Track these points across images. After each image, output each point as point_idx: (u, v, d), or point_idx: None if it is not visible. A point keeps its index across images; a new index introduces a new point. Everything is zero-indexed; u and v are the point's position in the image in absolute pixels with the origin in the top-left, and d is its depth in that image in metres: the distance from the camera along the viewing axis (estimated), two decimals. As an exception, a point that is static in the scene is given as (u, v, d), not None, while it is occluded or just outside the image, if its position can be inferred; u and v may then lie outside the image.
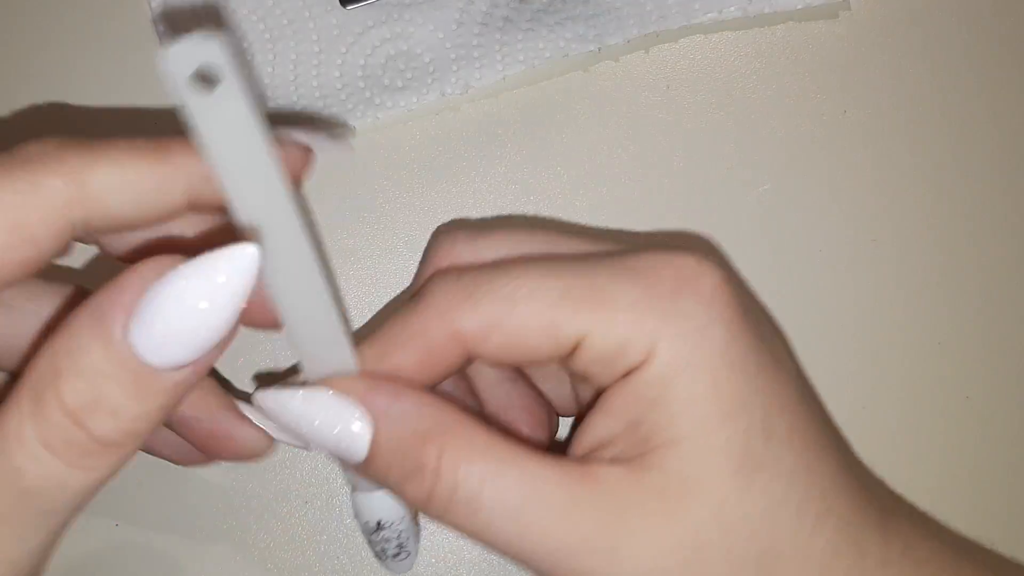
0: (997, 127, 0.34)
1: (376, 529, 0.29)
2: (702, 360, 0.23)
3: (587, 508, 0.22)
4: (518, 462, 0.23)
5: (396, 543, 0.29)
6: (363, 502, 0.28)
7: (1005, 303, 0.34)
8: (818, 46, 0.34)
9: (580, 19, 0.33)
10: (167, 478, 0.33)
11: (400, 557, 0.29)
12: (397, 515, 0.29)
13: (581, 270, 0.24)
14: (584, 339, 0.23)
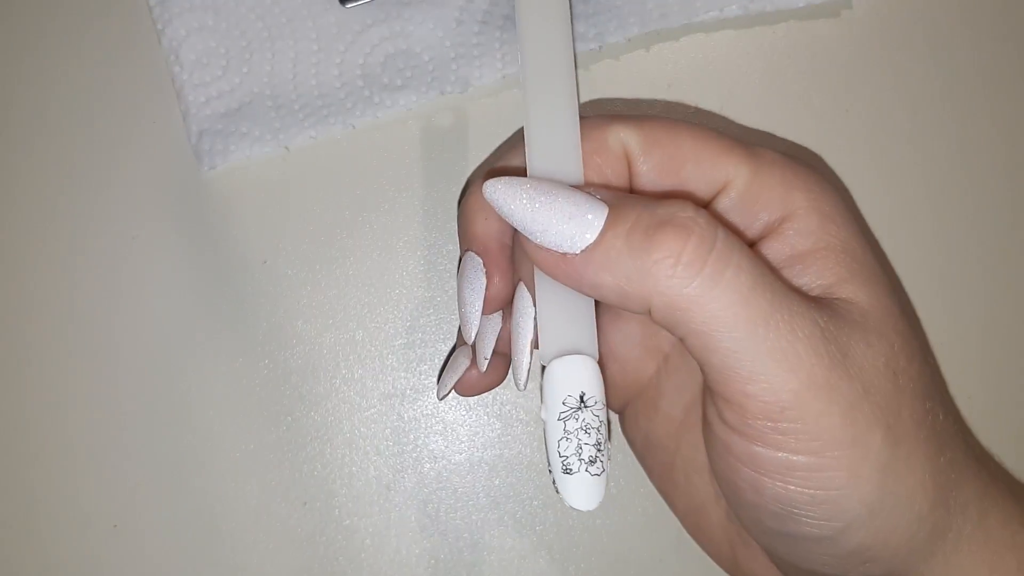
0: (999, 125, 0.34)
1: (578, 407, 0.23)
2: (848, 212, 0.24)
3: (815, 306, 0.22)
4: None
5: (596, 438, 0.23)
6: (564, 368, 0.23)
7: (1006, 303, 0.34)
8: (820, 44, 0.34)
9: (581, 17, 0.33)
10: (167, 479, 0.33)
11: (596, 468, 0.23)
12: (602, 394, 0.24)
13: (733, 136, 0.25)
14: (732, 181, 0.24)
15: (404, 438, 0.33)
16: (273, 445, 0.33)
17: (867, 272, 0.24)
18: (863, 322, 0.23)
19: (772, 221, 0.24)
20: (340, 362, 0.33)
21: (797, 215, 0.24)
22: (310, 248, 0.33)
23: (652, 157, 0.25)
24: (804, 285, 0.24)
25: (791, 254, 0.24)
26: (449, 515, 0.33)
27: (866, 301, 0.23)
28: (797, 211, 0.24)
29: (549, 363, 0.24)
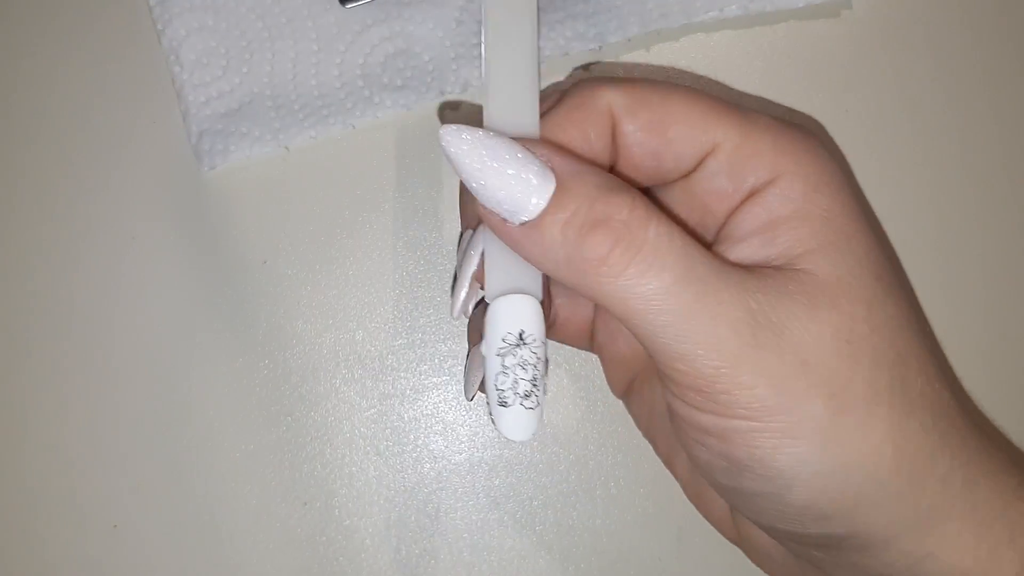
0: (999, 125, 0.34)
1: (516, 344, 0.25)
2: (837, 180, 0.25)
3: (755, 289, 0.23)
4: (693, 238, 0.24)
5: (532, 374, 0.25)
6: (505, 307, 0.25)
7: (1006, 303, 0.34)
8: (819, 44, 0.34)
9: (581, 17, 0.33)
10: (167, 479, 0.33)
11: (530, 402, 0.25)
12: (541, 333, 0.25)
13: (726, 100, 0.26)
14: (720, 144, 0.25)
15: (404, 438, 0.33)
16: (273, 445, 0.33)
17: (842, 241, 0.24)
18: (814, 295, 0.23)
19: (758, 185, 0.25)
20: (340, 362, 0.33)
21: (782, 180, 0.24)
22: (310, 248, 0.33)
23: (638, 118, 0.25)
24: (771, 254, 0.24)
25: (769, 219, 0.24)
26: (449, 515, 0.33)
27: (827, 272, 0.24)
28: (783, 176, 0.24)
29: (492, 301, 0.25)
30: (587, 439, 0.33)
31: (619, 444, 0.33)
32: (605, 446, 0.33)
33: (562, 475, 0.33)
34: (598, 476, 0.33)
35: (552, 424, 0.33)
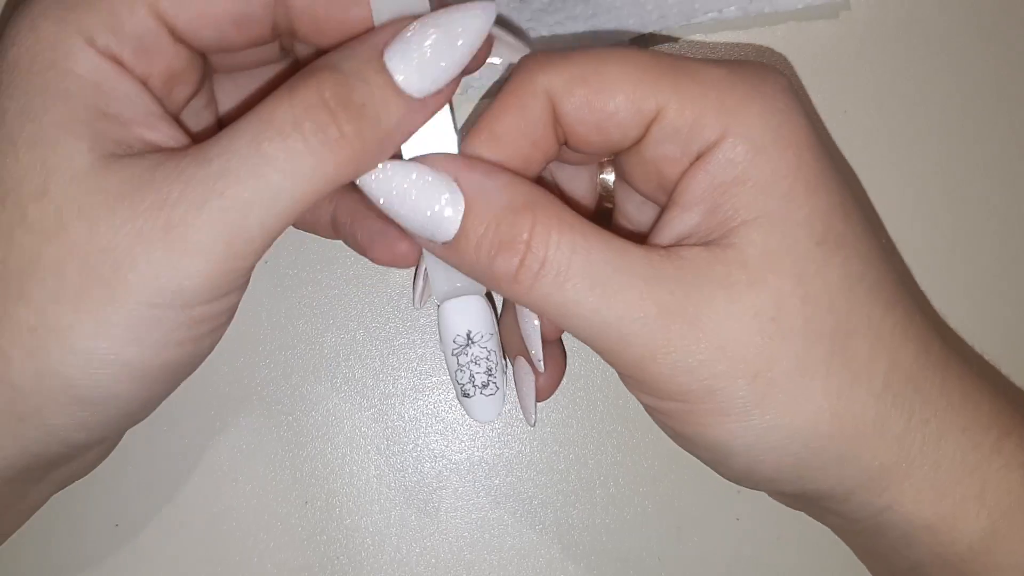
0: (998, 126, 0.34)
1: (466, 344, 0.27)
2: (785, 138, 0.24)
3: (670, 280, 0.23)
4: (604, 238, 0.24)
5: (486, 366, 0.28)
6: (452, 311, 0.27)
7: (1006, 303, 0.34)
8: (818, 46, 0.34)
9: (580, 19, 0.33)
10: (167, 478, 0.33)
11: (489, 390, 0.28)
12: (488, 327, 0.28)
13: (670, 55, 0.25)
14: (664, 109, 0.24)
15: (404, 438, 0.33)
16: (273, 445, 0.33)
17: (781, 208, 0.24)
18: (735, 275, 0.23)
19: (703, 148, 0.24)
20: (340, 362, 0.33)
21: (726, 142, 0.24)
22: (310, 248, 0.33)
23: (575, 96, 0.24)
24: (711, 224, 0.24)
25: (711, 185, 0.24)
26: (449, 515, 0.33)
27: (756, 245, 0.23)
28: (727, 137, 0.24)
29: (440, 306, 0.27)
30: (587, 439, 0.33)
31: (619, 444, 0.33)
32: (605, 446, 0.33)
33: (562, 475, 0.33)
34: (598, 476, 0.33)
35: (552, 424, 0.33)
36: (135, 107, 0.24)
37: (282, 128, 0.22)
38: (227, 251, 0.22)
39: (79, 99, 0.23)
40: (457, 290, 0.27)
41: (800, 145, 0.24)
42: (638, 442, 0.33)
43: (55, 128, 0.22)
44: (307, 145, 0.22)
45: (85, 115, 0.23)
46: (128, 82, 0.24)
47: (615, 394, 0.33)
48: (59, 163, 0.22)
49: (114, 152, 0.22)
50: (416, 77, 0.23)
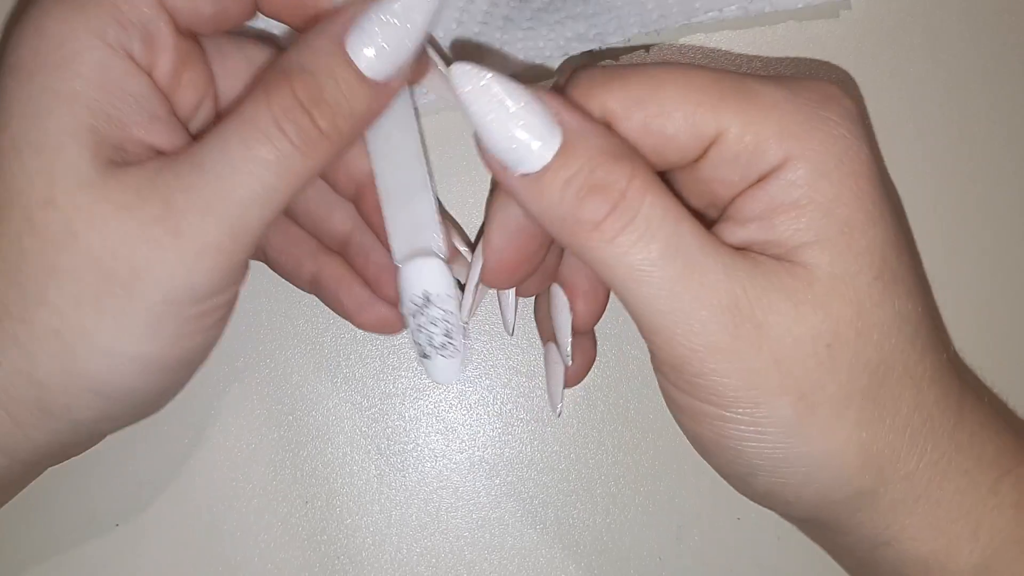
0: (998, 126, 0.34)
1: (423, 305, 0.27)
2: (847, 165, 0.23)
3: (744, 278, 0.23)
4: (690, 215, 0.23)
5: (444, 327, 0.28)
6: (410, 272, 0.27)
7: (1005, 303, 0.34)
8: (819, 45, 0.34)
9: (581, 18, 0.33)
10: (167, 478, 0.33)
11: (447, 352, 0.28)
12: (447, 290, 0.27)
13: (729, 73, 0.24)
14: (724, 133, 0.23)
15: (404, 437, 0.33)
16: (274, 444, 0.33)
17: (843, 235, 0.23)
18: (803, 292, 0.23)
19: (764, 172, 0.24)
20: (340, 362, 0.33)
21: (787, 166, 0.23)
22: (310, 248, 0.33)
23: (633, 120, 0.24)
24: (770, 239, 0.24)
25: (770, 206, 0.24)
26: (449, 514, 0.33)
27: (822, 268, 0.23)
28: (789, 161, 0.23)
29: (399, 268, 0.28)
30: (587, 439, 0.33)
31: (619, 443, 0.33)
32: (605, 446, 0.33)
33: (562, 474, 0.33)
34: (598, 475, 0.33)
35: (552, 423, 0.33)
36: (138, 107, 0.24)
37: (268, 131, 0.23)
38: (232, 247, 0.24)
39: (84, 101, 0.23)
40: (416, 252, 0.27)
41: (861, 174, 0.24)
42: (638, 442, 0.33)
43: (60, 133, 0.23)
44: (293, 145, 0.23)
45: (89, 119, 0.23)
46: (135, 78, 0.24)
47: (615, 394, 0.33)
48: (64, 171, 0.23)
49: (114, 159, 0.23)
50: (377, 63, 0.24)
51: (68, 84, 0.23)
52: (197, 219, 0.23)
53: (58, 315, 0.23)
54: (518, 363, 0.33)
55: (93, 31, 0.23)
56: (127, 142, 0.24)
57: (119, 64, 0.24)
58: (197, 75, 0.26)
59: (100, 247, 0.23)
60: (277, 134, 0.23)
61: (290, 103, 0.23)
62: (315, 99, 0.23)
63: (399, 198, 0.27)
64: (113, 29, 0.24)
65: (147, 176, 0.23)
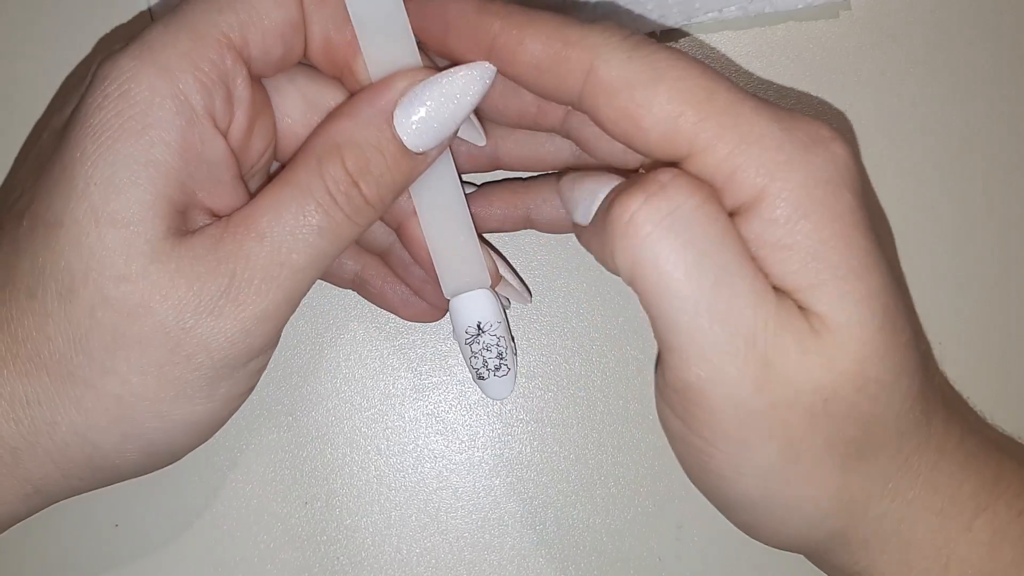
0: (998, 126, 0.34)
1: (477, 334, 0.29)
2: (830, 210, 0.22)
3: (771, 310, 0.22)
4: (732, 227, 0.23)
5: (497, 351, 0.30)
6: (462, 304, 0.29)
7: (1005, 303, 0.34)
8: (818, 46, 0.34)
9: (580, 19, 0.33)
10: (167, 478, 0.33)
11: (501, 372, 0.30)
12: (496, 317, 0.29)
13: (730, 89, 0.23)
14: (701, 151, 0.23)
15: (404, 438, 0.33)
16: (273, 445, 0.33)
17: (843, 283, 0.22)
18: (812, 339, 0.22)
19: (741, 201, 0.23)
20: (340, 362, 0.33)
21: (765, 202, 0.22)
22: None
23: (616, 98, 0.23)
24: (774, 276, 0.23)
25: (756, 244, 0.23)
26: (449, 515, 0.33)
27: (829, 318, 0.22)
28: (765, 198, 0.22)
29: (451, 301, 0.30)
30: (587, 439, 0.33)
31: (619, 444, 0.33)
32: (605, 446, 0.33)
33: (562, 475, 0.33)
34: (598, 476, 0.33)
35: (552, 424, 0.33)
36: (209, 174, 0.25)
37: (322, 200, 0.24)
38: (287, 310, 0.25)
39: (165, 171, 0.24)
40: (466, 284, 0.29)
41: (846, 220, 0.23)
42: (638, 442, 0.33)
43: (139, 207, 0.23)
44: (344, 213, 0.25)
45: (167, 190, 0.24)
46: (213, 143, 0.25)
47: (615, 394, 0.33)
48: (141, 247, 0.23)
49: (181, 227, 0.24)
50: (422, 139, 0.25)
51: (152, 153, 0.23)
52: (258, 288, 0.24)
53: (123, 383, 0.24)
54: (519, 363, 0.33)
55: (178, 96, 0.24)
56: (192, 208, 0.25)
57: (200, 130, 0.24)
58: (265, 122, 0.27)
59: (172, 320, 0.24)
60: (330, 203, 0.24)
61: (341, 175, 0.24)
62: (362, 171, 0.25)
63: (444, 237, 0.28)
64: (197, 92, 0.24)
65: (211, 245, 0.24)
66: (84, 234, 0.23)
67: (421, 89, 0.25)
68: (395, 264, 0.31)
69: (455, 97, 0.25)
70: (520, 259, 0.34)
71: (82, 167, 0.23)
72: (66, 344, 0.24)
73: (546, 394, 0.33)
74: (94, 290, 0.23)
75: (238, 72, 0.25)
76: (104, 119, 0.23)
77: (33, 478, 0.25)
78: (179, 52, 0.24)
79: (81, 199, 0.23)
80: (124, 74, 0.24)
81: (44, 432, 0.24)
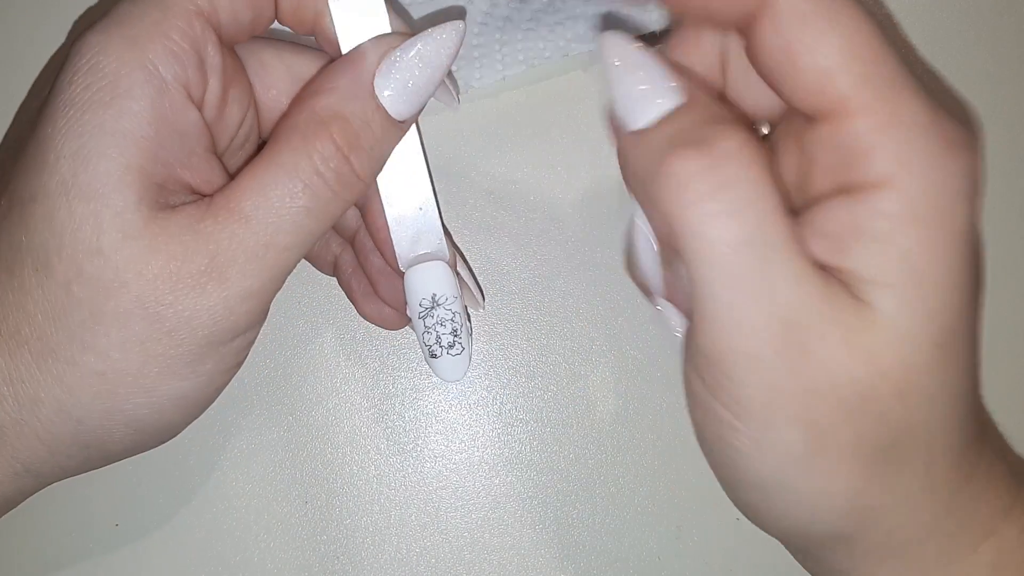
0: (997, 127, 0.34)
1: (431, 307, 0.28)
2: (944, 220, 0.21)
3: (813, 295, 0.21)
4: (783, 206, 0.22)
5: (451, 327, 0.29)
6: (417, 276, 0.28)
7: (1005, 303, 0.34)
8: (818, 46, 0.34)
9: (580, 19, 0.33)
10: (167, 478, 0.33)
11: (455, 350, 0.29)
12: (453, 291, 0.29)
13: (896, 55, 0.22)
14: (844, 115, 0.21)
15: (404, 438, 0.33)
16: (273, 444, 0.33)
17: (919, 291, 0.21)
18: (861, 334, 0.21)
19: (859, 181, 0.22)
20: (340, 362, 0.33)
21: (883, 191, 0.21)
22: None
23: (779, 31, 0.22)
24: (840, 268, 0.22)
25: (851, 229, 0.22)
26: (449, 515, 0.33)
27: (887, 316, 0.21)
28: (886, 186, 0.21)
29: (406, 273, 0.29)
30: (586, 438, 0.33)
31: (619, 443, 0.33)
32: (604, 445, 0.33)
33: (562, 474, 0.33)
34: (598, 475, 0.33)
35: (552, 424, 0.33)
36: (183, 145, 0.24)
37: (309, 179, 0.24)
38: (272, 288, 0.25)
39: (135, 141, 0.23)
40: (422, 256, 0.29)
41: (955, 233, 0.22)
42: (638, 442, 0.33)
43: (108, 178, 0.23)
44: (331, 191, 0.24)
45: (139, 160, 0.23)
46: (185, 113, 0.24)
47: (615, 394, 0.33)
48: (112, 219, 0.23)
49: (157, 200, 0.24)
50: (405, 106, 0.25)
51: (121, 123, 0.23)
52: (242, 268, 0.24)
53: (104, 359, 0.24)
54: (518, 363, 0.33)
55: (147, 66, 0.23)
56: (168, 180, 0.24)
57: (172, 100, 0.24)
58: (241, 91, 0.27)
59: (149, 296, 0.23)
60: (318, 182, 0.24)
61: (331, 151, 0.24)
62: (352, 145, 0.24)
63: (403, 204, 0.28)
64: (167, 62, 0.24)
65: (190, 224, 0.24)
66: (56, 208, 0.23)
67: (399, 55, 0.25)
68: (359, 249, 0.30)
69: (431, 60, 0.25)
70: (520, 259, 0.34)
71: (52, 141, 0.23)
72: (45, 321, 0.24)
73: (546, 394, 0.33)
74: (69, 265, 0.23)
75: (208, 39, 0.25)
76: (73, 93, 0.23)
77: (21, 456, 0.25)
78: (147, 23, 0.24)
79: (52, 173, 0.23)
80: (92, 48, 0.24)
81: (28, 409, 0.24)
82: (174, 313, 0.24)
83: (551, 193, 0.34)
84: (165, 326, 0.24)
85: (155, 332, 0.24)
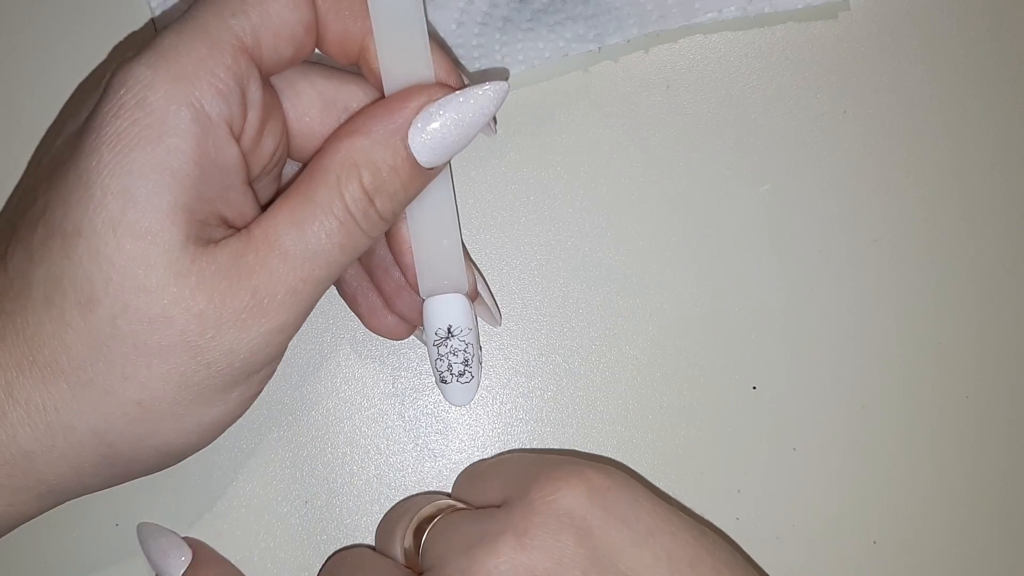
0: (996, 127, 0.34)
1: (447, 337, 0.30)
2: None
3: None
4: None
5: (463, 357, 0.30)
6: (435, 306, 0.30)
7: (1004, 303, 0.34)
8: (817, 46, 0.34)
9: (580, 19, 0.33)
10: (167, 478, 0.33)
11: (464, 379, 0.30)
12: (468, 323, 0.30)
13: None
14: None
15: (404, 437, 0.33)
16: (274, 444, 0.33)
17: None
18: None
19: None
20: (340, 362, 0.33)
21: None
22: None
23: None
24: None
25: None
26: (449, 515, 0.33)
27: None
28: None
29: (425, 301, 0.30)
30: (587, 438, 0.33)
31: (618, 443, 0.33)
32: (604, 446, 0.33)
33: (562, 474, 0.33)
34: (598, 475, 0.33)
35: (552, 423, 0.33)
36: (223, 181, 0.25)
37: (342, 218, 0.25)
38: (304, 319, 0.26)
39: (182, 180, 0.24)
40: (442, 287, 0.29)
41: None
42: (638, 442, 0.33)
43: (157, 216, 0.24)
44: (361, 230, 0.26)
45: (184, 199, 0.24)
46: (227, 150, 0.25)
47: (614, 394, 0.33)
48: (160, 258, 0.24)
49: (200, 236, 0.24)
50: (435, 156, 0.26)
51: (169, 162, 0.24)
52: (281, 302, 0.25)
53: (143, 389, 0.24)
54: (518, 363, 0.33)
55: (194, 104, 0.24)
56: (210, 217, 0.25)
57: (216, 138, 0.24)
58: (275, 121, 0.27)
59: (193, 330, 0.24)
60: (350, 221, 0.25)
61: (359, 193, 0.25)
62: (379, 188, 0.26)
63: (430, 237, 0.29)
64: (213, 100, 0.24)
65: (232, 260, 0.24)
66: (103, 244, 0.23)
67: (436, 108, 0.26)
68: (375, 265, 0.31)
69: (468, 119, 0.26)
70: (520, 259, 0.34)
71: (99, 176, 0.23)
72: (86, 352, 0.24)
73: (546, 394, 0.33)
74: (115, 300, 0.24)
75: (251, 75, 0.25)
76: (120, 128, 0.23)
77: (47, 479, 0.25)
78: (194, 59, 0.24)
79: (99, 209, 0.23)
80: (140, 82, 0.24)
81: (60, 436, 0.25)
82: (216, 346, 0.24)
83: (551, 193, 0.34)
84: (205, 358, 0.24)
85: (195, 364, 0.24)
